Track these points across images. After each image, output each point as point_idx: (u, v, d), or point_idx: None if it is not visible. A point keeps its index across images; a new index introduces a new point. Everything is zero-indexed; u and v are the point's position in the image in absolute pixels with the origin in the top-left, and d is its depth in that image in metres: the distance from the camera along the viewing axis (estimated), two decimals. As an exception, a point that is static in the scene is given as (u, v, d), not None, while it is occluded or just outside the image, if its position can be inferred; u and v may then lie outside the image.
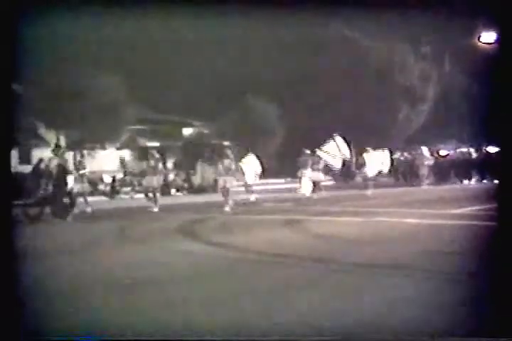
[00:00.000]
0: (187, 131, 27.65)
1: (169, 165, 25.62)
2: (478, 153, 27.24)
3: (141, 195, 17.71)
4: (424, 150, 25.54)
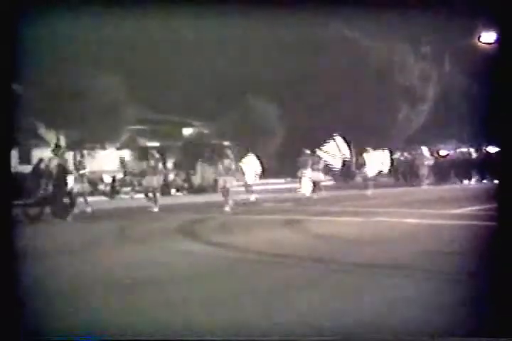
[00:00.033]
0: (187, 131, 27.65)
1: (169, 165, 25.64)
2: (478, 153, 27.25)
3: (141, 195, 17.71)
4: (424, 150, 25.54)
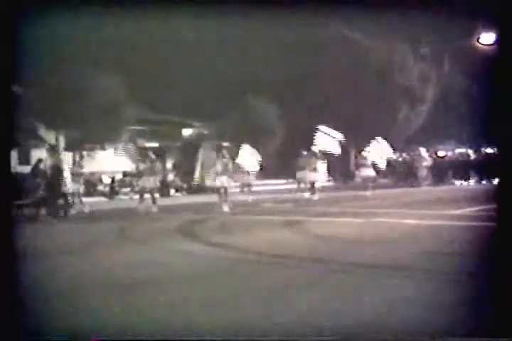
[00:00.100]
0: (186, 132, 27.63)
1: (168, 165, 25.64)
2: (476, 154, 27.31)
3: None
4: (422, 151, 25.59)
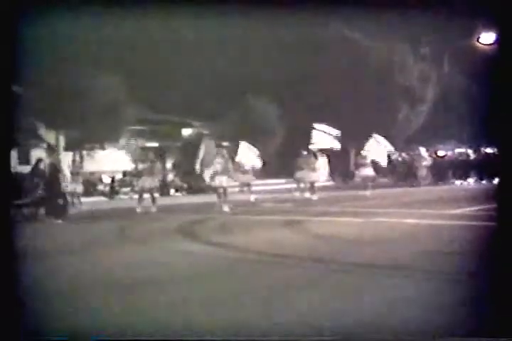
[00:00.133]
0: (186, 132, 27.64)
1: (168, 165, 25.66)
2: (476, 154, 27.31)
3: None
4: (421, 150, 25.59)
